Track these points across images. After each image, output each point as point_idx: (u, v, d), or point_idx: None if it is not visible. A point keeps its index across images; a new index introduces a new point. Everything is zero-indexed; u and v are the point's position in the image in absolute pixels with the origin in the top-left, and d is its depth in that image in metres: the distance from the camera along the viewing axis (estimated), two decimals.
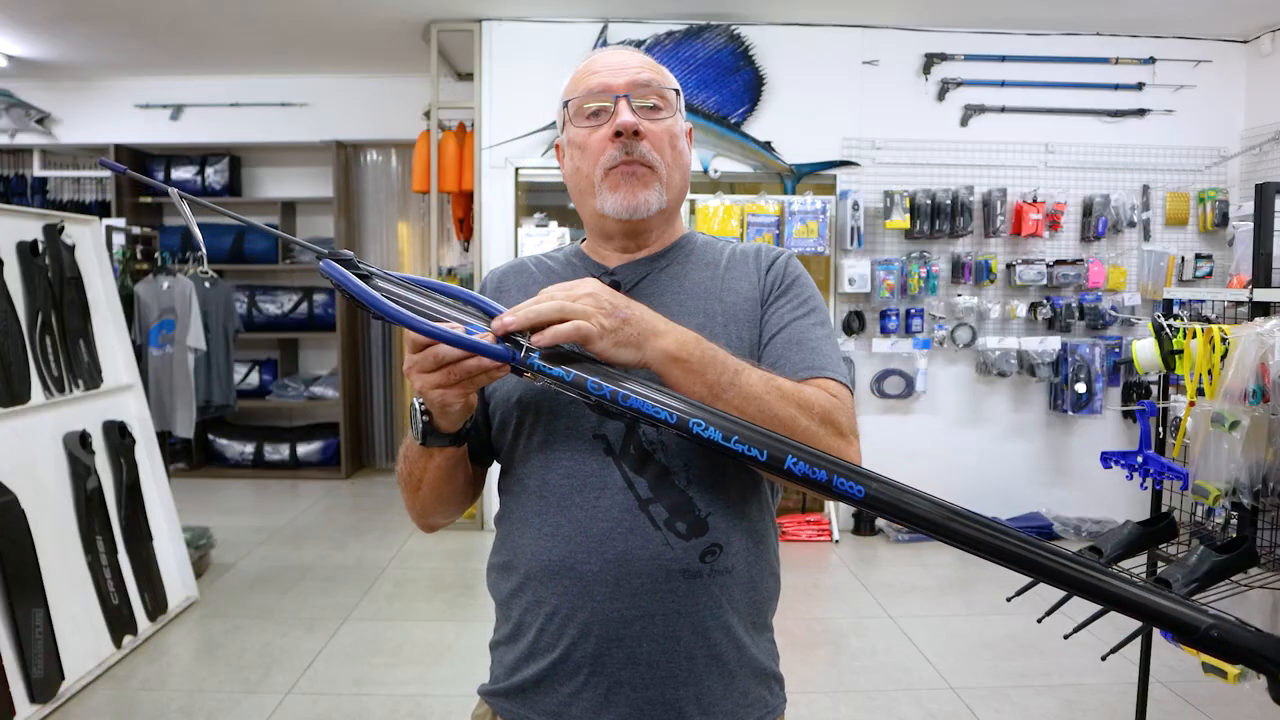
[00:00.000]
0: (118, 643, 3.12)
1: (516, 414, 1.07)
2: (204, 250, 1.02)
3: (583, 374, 0.89)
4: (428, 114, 4.95)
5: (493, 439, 1.13)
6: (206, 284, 4.59)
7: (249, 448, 6.15)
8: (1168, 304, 2.39)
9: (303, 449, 6.17)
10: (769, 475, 1.04)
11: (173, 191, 0.93)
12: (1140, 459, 2.25)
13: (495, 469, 1.18)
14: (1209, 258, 4.77)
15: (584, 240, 1.20)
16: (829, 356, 1.06)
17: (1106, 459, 2.34)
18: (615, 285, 1.10)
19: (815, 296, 1.13)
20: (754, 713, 1.07)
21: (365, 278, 0.91)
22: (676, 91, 1.13)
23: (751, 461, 0.88)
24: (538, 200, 5.15)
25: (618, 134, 1.05)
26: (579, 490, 1.02)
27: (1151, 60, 4.78)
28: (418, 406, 0.98)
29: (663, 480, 1.01)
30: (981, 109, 4.76)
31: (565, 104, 1.12)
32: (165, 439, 4.18)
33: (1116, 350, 4.74)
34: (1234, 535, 2.04)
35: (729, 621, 1.03)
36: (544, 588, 1.03)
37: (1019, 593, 1.53)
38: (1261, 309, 2.16)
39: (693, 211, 4.67)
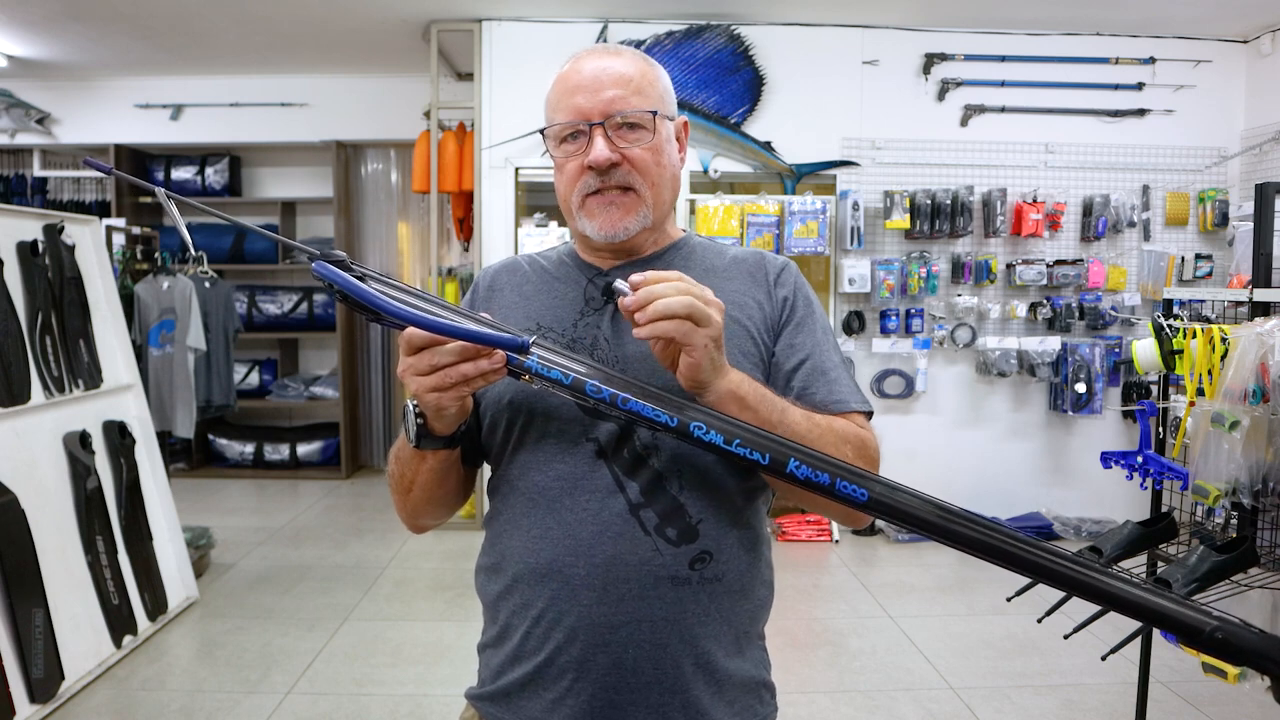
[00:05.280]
0: (118, 643, 3.12)
1: (507, 415, 1.06)
2: (193, 250, 1.02)
3: (582, 377, 0.88)
4: (428, 114, 4.94)
5: (483, 440, 1.11)
6: (206, 284, 4.59)
7: (249, 448, 6.14)
8: (1168, 304, 2.39)
9: (303, 449, 6.17)
10: (771, 479, 1.03)
11: (159, 191, 0.91)
12: (1140, 459, 2.25)
13: (486, 470, 1.17)
14: (1209, 258, 4.77)
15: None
16: (850, 387, 1.09)
17: (1106, 459, 2.34)
18: (609, 288, 1.09)
19: (822, 311, 1.15)
20: None
21: (359, 279, 0.88)
22: (662, 101, 1.08)
23: (754, 465, 0.88)
24: (537, 200, 5.15)
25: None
26: (569, 493, 1.01)
27: (1151, 60, 4.78)
28: (411, 409, 0.97)
29: (655, 485, 1.01)
30: (981, 109, 4.76)
31: (542, 131, 1.10)
32: (165, 439, 4.18)
33: (1116, 350, 4.74)
34: (1234, 535, 2.04)
35: (718, 630, 1.03)
36: (531, 590, 1.02)
37: (1019, 593, 1.54)
38: (1261, 309, 2.16)
39: (692, 211, 4.68)
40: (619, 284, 0.90)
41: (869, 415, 1.09)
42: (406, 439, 1.01)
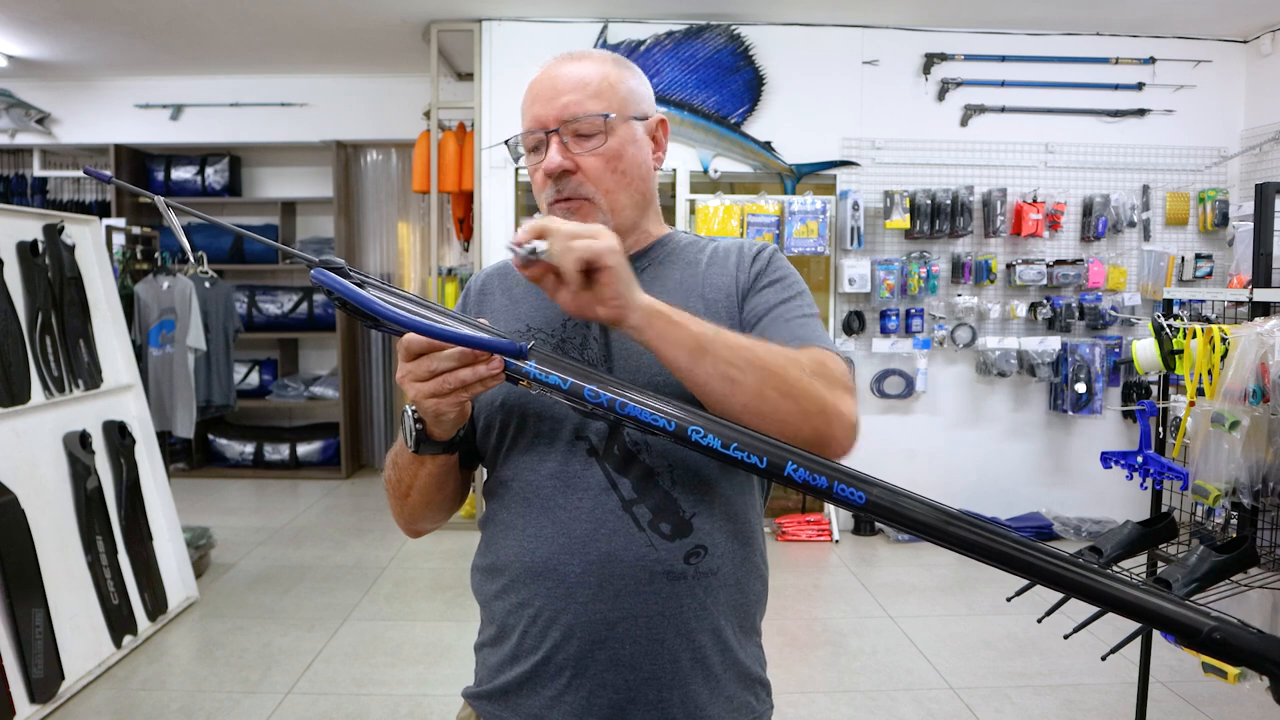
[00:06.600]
0: (118, 643, 3.12)
1: (500, 417, 1.07)
2: (191, 256, 1.02)
3: (580, 382, 0.88)
4: (428, 114, 4.94)
5: (478, 442, 1.12)
6: (206, 284, 4.58)
7: (249, 448, 6.15)
8: (1168, 304, 2.39)
9: (303, 449, 6.17)
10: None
11: (159, 199, 0.92)
12: (1140, 459, 2.25)
13: (483, 471, 1.17)
14: (1209, 258, 4.77)
15: None
16: (816, 331, 1.05)
17: (1106, 459, 2.34)
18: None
19: (802, 286, 1.12)
20: (739, 718, 1.06)
21: (358, 286, 0.88)
22: (625, 103, 1.07)
23: (751, 468, 0.88)
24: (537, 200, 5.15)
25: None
26: (562, 492, 1.02)
27: (1151, 60, 4.78)
28: (410, 414, 0.97)
29: (647, 481, 1.01)
30: (981, 109, 4.76)
31: (507, 142, 1.11)
32: (165, 439, 4.18)
33: (1116, 350, 4.74)
34: (1234, 535, 2.04)
35: (714, 624, 1.03)
36: (527, 590, 1.03)
37: (1019, 593, 1.54)
38: (1261, 309, 2.16)
39: (692, 211, 4.68)
40: (512, 247, 0.90)
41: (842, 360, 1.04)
42: (405, 444, 1.02)
